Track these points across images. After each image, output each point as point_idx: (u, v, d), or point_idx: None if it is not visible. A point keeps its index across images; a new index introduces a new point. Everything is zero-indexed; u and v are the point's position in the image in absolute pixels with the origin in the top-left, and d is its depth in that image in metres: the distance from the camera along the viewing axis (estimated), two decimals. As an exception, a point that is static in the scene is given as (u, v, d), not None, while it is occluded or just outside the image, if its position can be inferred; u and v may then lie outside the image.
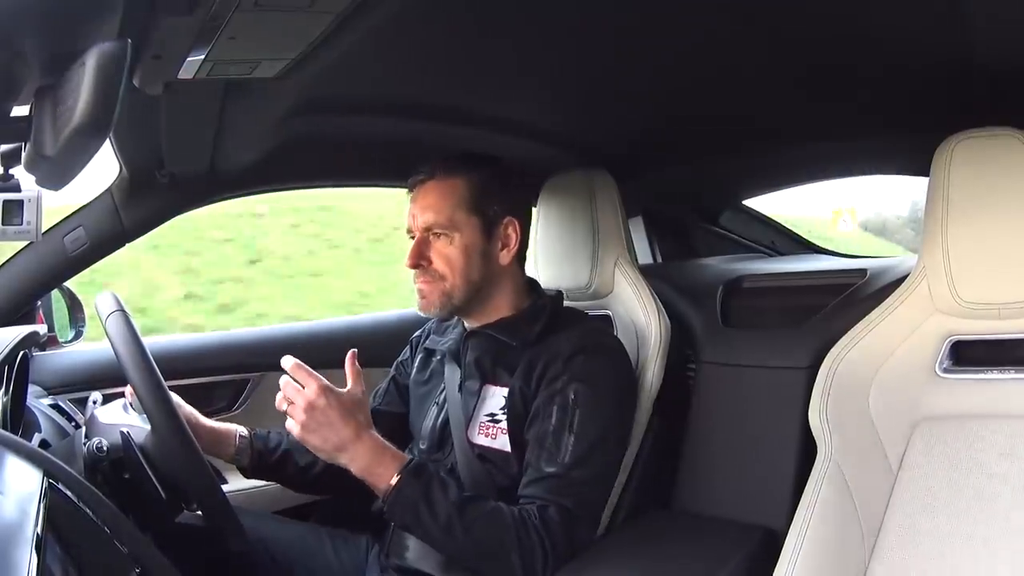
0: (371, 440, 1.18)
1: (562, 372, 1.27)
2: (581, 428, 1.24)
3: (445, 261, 1.32)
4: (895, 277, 1.45)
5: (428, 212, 1.32)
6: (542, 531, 1.17)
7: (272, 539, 1.39)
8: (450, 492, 1.18)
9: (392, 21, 0.99)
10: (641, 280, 1.54)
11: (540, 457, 1.23)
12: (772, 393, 1.47)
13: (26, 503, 0.74)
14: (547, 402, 1.26)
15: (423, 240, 1.34)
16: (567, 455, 1.22)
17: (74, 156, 0.69)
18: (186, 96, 1.12)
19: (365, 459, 1.18)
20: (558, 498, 1.20)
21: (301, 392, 1.16)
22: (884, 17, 1.12)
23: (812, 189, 3.88)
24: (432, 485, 1.17)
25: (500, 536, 1.16)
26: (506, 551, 1.15)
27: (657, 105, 1.57)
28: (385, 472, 1.17)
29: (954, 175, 1.15)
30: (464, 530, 1.16)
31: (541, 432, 1.25)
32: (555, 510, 1.19)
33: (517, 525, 1.17)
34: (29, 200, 0.89)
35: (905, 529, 1.11)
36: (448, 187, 1.33)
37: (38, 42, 0.65)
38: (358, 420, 1.17)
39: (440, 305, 1.34)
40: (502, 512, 1.18)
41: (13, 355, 1.21)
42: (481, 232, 1.34)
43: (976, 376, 1.16)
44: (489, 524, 1.17)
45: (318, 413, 1.15)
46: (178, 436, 1.10)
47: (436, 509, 1.16)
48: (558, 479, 1.21)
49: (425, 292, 1.34)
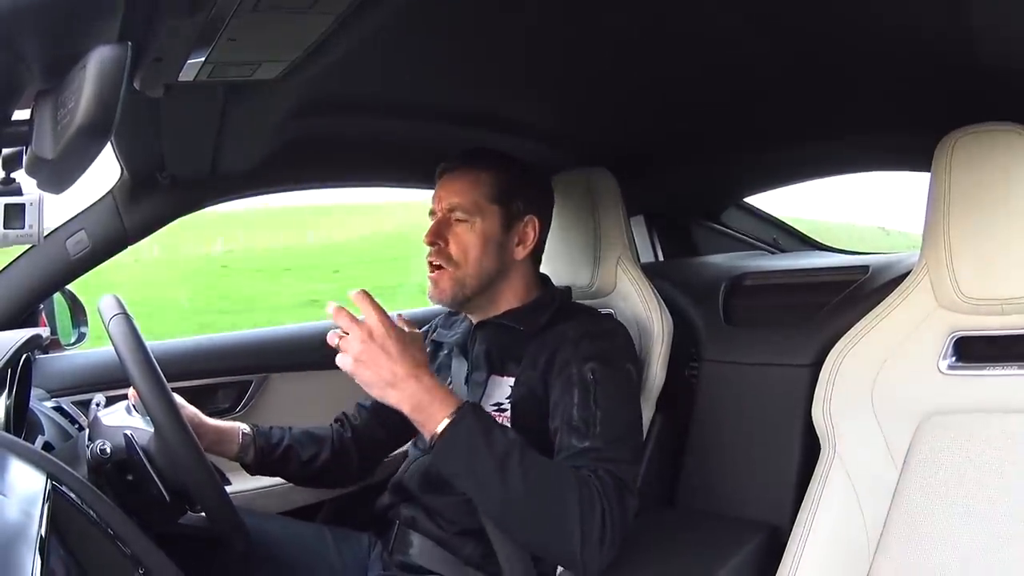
0: (428, 378, 1.11)
1: (572, 356, 1.25)
2: (606, 402, 1.20)
3: (461, 247, 1.33)
4: (897, 274, 1.45)
5: (454, 195, 1.34)
6: (603, 496, 1.09)
7: (275, 539, 1.39)
8: (509, 432, 1.12)
9: (393, 22, 0.99)
10: (643, 279, 1.54)
11: (571, 437, 1.18)
12: (775, 390, 1.47)
13: (29, 505, 0.74)
14: (566, 387, 1.23)
15: (444, 220, 1.34)
16: (598, 428, 1.17)
17: (75, 159, 0.69)
18: (187, 98, 1.12)
19: (417, 397, 1.10)
20: (605, 465, 1.13)
21: (357, 323, 1.10)
22: (885, 15, 1.12)
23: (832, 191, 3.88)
24: (492, 424, 1.12)
25: (562, 492, 1.07)
26: (567, 511, 1.06)
27: (658, 104, 1.57)
28: (439, 411, 1.10)
29: (956, 171, 1.15)
30: (523, 474, 1.07)
31: (566, 416, 1.20)
32: (605, 475, 1.11)
33: (580, 484, 1.08)
34: (31, 204, 0.89)
35: (909, 525, 1.11)
36: (477, 176, 1.35)
37: (39, 45, 0.65)
38: (415, 356, 1.11)
39: (452, 294, 1.34)
40: (565, 468, 1.11)
41: (16, 358, 1.21)
42: (501, 224, 1.35)
43: (979, 372, 1.16)
44: (552, 475, 1.09)
45: (375, 345, 1.09)
46: (181, 438, 1.10)
47: (495, 446, 1.08)
48: (598, 451, 1.16)
49: (437, 280, 1.34)
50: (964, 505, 1.08)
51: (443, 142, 1.40)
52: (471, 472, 1.09)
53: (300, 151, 1.54)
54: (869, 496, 1.19)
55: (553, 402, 1.25)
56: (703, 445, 1.53)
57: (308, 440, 1.45)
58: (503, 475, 1.07)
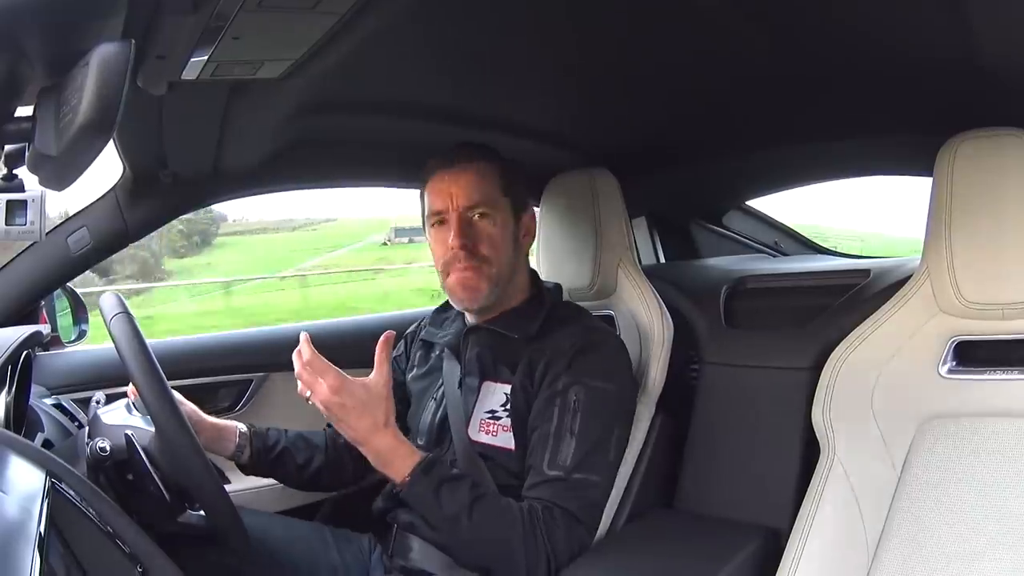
0: (386, 437, 1.18)
1: (563, 372, 1.27)
2: (582, 431, 1.24)
3: (490, 243, 1.31)
4: (899, 278, 1.45)
5: (471, 190, 1.31)
6: (546, 534, 1.18)
7: (275, 539, 1.39)
8: (459, 492, 1.18)
9: (395, 22, 0.99)
10: (644, 280, 1.54)
11: (543, 460, 1.23)
12: (775, 393, 1.46)
13: (29, 502, 0.74)
14: (548, 403, 1.26)
15: (465, 220, 1.31)
16: (568, 458, 1.22)
17: (77, 156, 0.69)
18: (190, 96, 1.12)
19: (379, 455, 1.18)
20: (562, 502, 1.20)
21: (318, 384, 1.15)
22: (887, 17, 1.12)
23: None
24: (442, 485, 1.18)
25: (508, 536, 1.17)
26: (512, 552, 1.16)
27: (660, 105, 1.57)
28: (396, 471, 1.18)
29: (957, 175, 1.15)
30: (472, 529, 1.16)
31: (543, 433, 1.25)
32: (559, 513, 1.20)
33: (525, 526, 1.17)
34: (33, 200, 0.89)
35: (909, 529, 1.10)
36: (486, 169, 1.33)
37: (42, 42, 0.65)
38: (374, 417, 1.16)
39: (488, 294, 1.32)
40: (512, 511, 1.19)
41: (16, 355, 1.21)
42: (513, 216, 1.35)
43: (980, 376, 1.16)
44: (497, 524, 1.17)
45: (334, 407, 1.15)
46: (181, 437, 1.10)
47: (445, 508, 1.16)
48: (562, 482, 1.22)
49: (472, 281, 1.31)
50: (963, 509, 1.08)
51: (445, 143, 1.40)
52: (426, 523, 1.21)
53: (302, 150, 1.54)
54: (868, 499, 1.18)
55: (536, 409, 1.28)
56: (703, 447, 1.53)
57: (303, 444, 1.45)
58: (453, 526, 1.17)
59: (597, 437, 1.25)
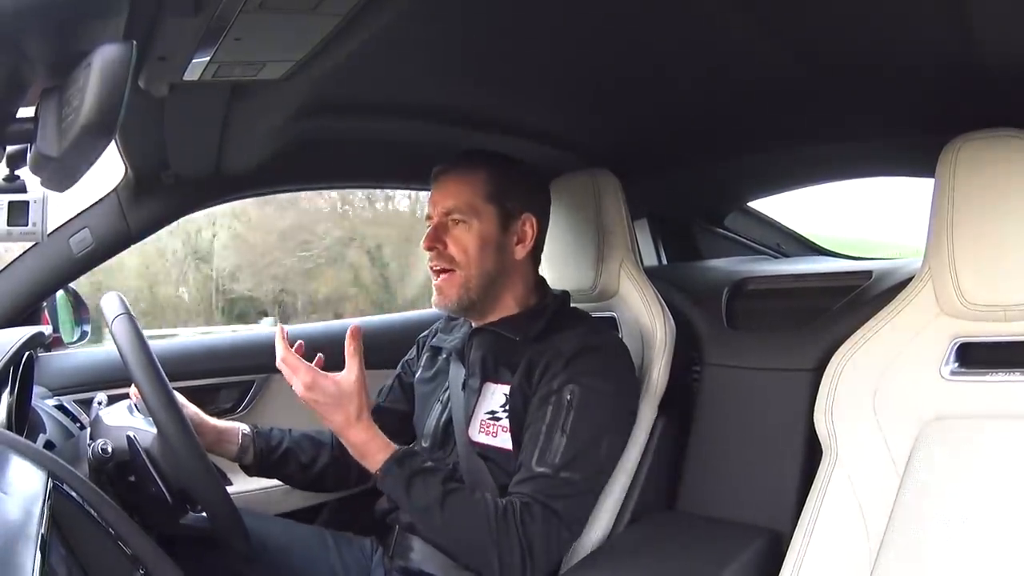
0: (359, 430, 1.22)
1: (561, 372, 1.27)
2: (574, 430, 1.24)
3: (460, 247, 1.34)
4: (900, 279, 1.45)
5: (449, 198, 1.35)
6: (521, 529, 1.18)
7: (276, 541, 1.39)
8: (430, 485, 1.19)
9: (397, 23, 0.98)
10: (646, 282, 1.54)
11: (532, 456, 1.24)
12: (777, 395, 1.46)
13: (30, 503, 0.74)
14: (543, 401, 1.27)
15: (441, 224, 1.36)
16: (557, 456, 1.22)
17: (79, 157, 0.69)
18: (191, 97, 1.12)
19: (355, 447, 1.23)
20: (544, 498, 1.20)
21: (294, 381, 1.21)
22: (889, 18, 1.12)
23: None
24: (414, 477, 1.20)
25: (478, 531, 1.18)
26: (484, 546, 1.17)
27: (662, 107, 1.57)
28: (371, 461, 1.22)
29: (960, 176, 1.14)
30: (444, 523, 1.19)
31: (535, 431, 1.25)
32: (539, 509, 1.19)
33: (497, 521, 1.18)
34: (35, 201, 0.89)
35: (911, 531, 1.10)
36: (470, 177, 1.36)
37: (43, 43, 0.65)
38: (347, 411, 1.20)
39: (457, 298, 1.35)
40: (483, 506, 1.19)
41: (18, 356, 1.21)
42: (498, 223, 1.35)
43: (982, 378, 1.15)
44: (468, 518, 1.18)
45: (310, 402, 1.20)
46: (183, 439, 1.10)
47: (416, 501, 1.19)
48: (547, 479, 1.21)
49: (443, 287, 1.35)
50: (965, 511, 1.07)
51: (448, 144, 1.40)
52: (404, 510, 1.25)
53: (304, 151, 1.54)
54: (870, 501, 1.18)
55: (531, 407, 1.28)
56: (704, 449, 1.53)
57: (307, 443, 1.45)
58: (426, 518, 1.20)
59: (589, 437, 1.25)
